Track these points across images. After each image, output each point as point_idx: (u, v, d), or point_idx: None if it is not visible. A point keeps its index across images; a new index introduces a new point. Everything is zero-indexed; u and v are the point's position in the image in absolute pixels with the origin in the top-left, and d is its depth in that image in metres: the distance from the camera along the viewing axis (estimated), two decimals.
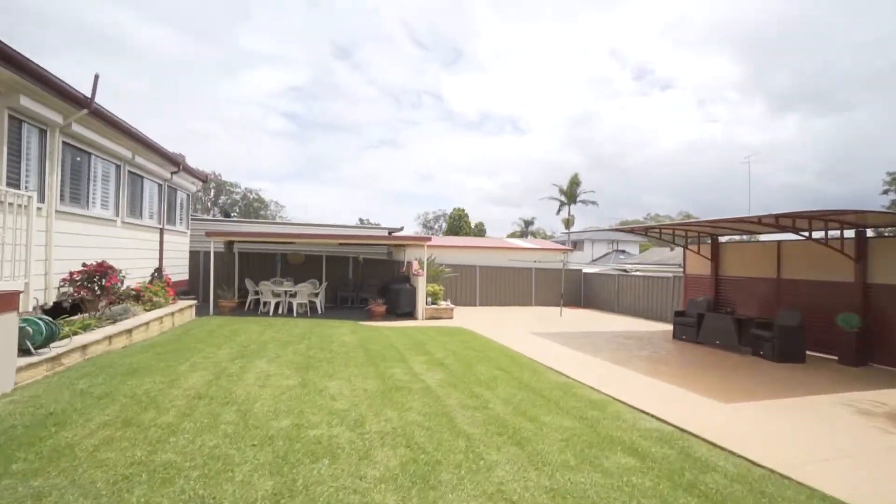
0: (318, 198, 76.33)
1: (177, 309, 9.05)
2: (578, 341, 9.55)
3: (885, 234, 10.62)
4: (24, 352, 4.83)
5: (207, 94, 67.43)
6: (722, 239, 11.25)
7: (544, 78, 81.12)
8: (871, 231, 8.66)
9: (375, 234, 16.74)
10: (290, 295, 12.33)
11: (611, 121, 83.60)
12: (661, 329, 12.07)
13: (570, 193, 39.13)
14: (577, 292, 18.75)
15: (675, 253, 19.38)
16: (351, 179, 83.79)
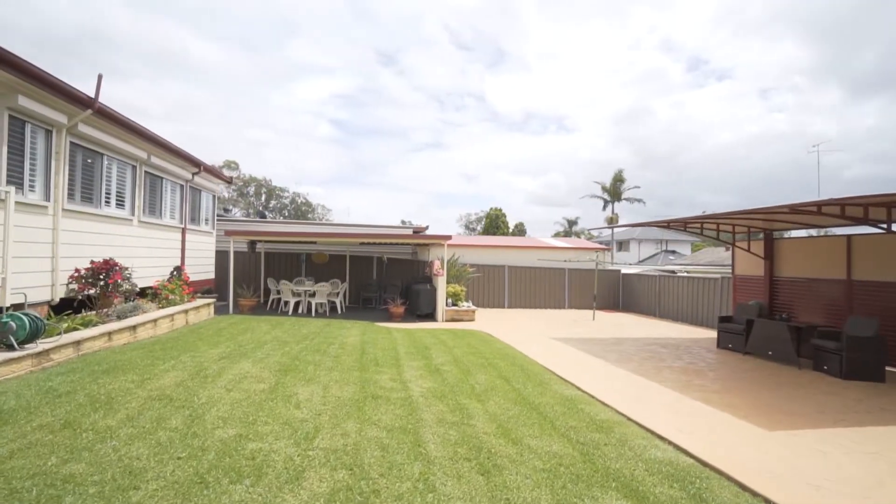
0: (363, 201, 77.94)
1: (192, 307, 9.11)
2: (605, 348, 8.64)
3: None
4: (8, 347, 4.84)
5: (260, 103, 71.21)
6: (787, 233, 9.80)
7: (591, 75, 77.86)
8: None
9: (396, 233, 16.34)
10: (309, 295, 12.26)
11: (663, 115, 78.70)
12: (704, 336, 10.78)
13: (614, 191, 37.11)
14: (615, 294, 17.47)
15: (731, 253, 17.52)
16: (396, 182, 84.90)
